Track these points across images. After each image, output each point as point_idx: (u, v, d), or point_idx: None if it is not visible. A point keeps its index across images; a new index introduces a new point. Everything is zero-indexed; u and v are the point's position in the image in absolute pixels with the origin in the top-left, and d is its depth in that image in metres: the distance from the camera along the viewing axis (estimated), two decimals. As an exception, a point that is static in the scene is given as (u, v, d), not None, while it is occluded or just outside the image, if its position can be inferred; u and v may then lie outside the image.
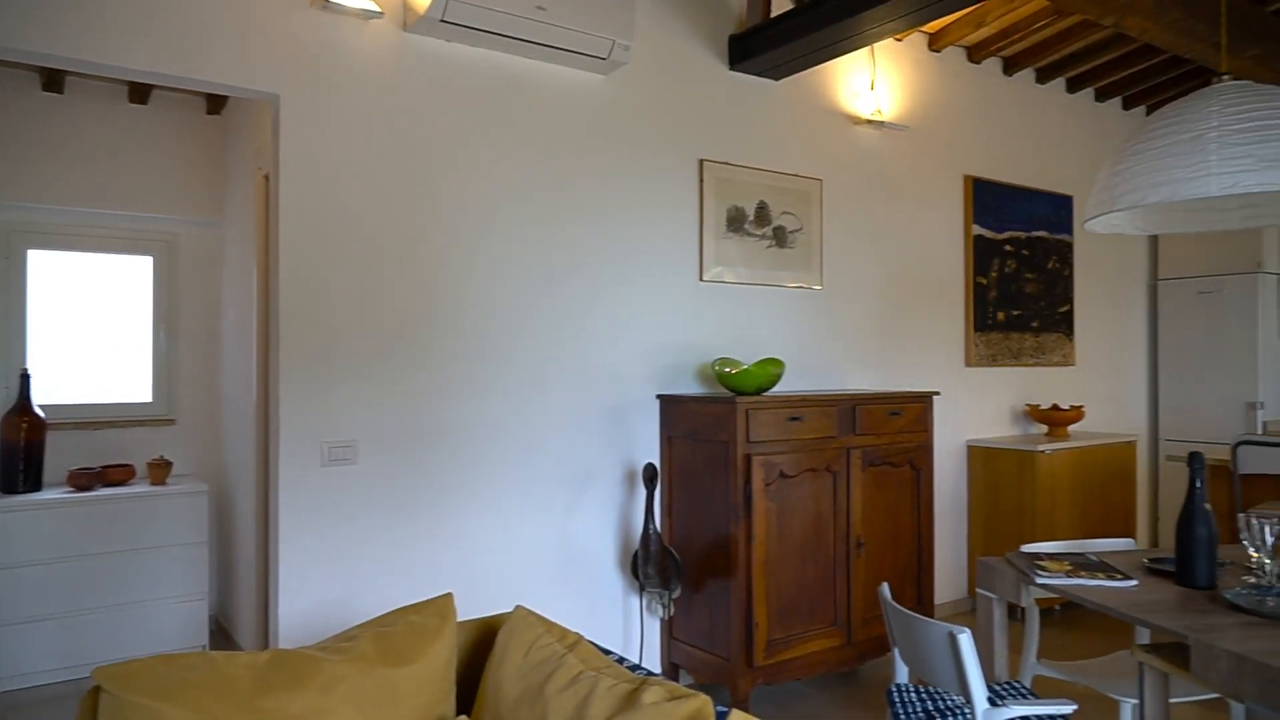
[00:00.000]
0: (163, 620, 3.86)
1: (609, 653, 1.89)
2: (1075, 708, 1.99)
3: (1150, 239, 5.89)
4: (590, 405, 3.38)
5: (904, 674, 2.26)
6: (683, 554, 3.41)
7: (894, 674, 2.29)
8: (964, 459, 4.70)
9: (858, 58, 4.25)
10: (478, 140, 3.11)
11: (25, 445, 3.75)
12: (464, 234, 3.08)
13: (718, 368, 3.36)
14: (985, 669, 2.46)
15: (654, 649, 3.54)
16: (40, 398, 4.05)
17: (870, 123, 4.21)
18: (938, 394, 3.95)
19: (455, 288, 3.06)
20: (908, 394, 3.64)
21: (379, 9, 2.85)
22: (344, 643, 1.76)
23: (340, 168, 2.83)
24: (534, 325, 3.24)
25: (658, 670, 3.51)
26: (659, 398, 3.53)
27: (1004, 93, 4.96)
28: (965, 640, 1.89)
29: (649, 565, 3.24)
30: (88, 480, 3.84)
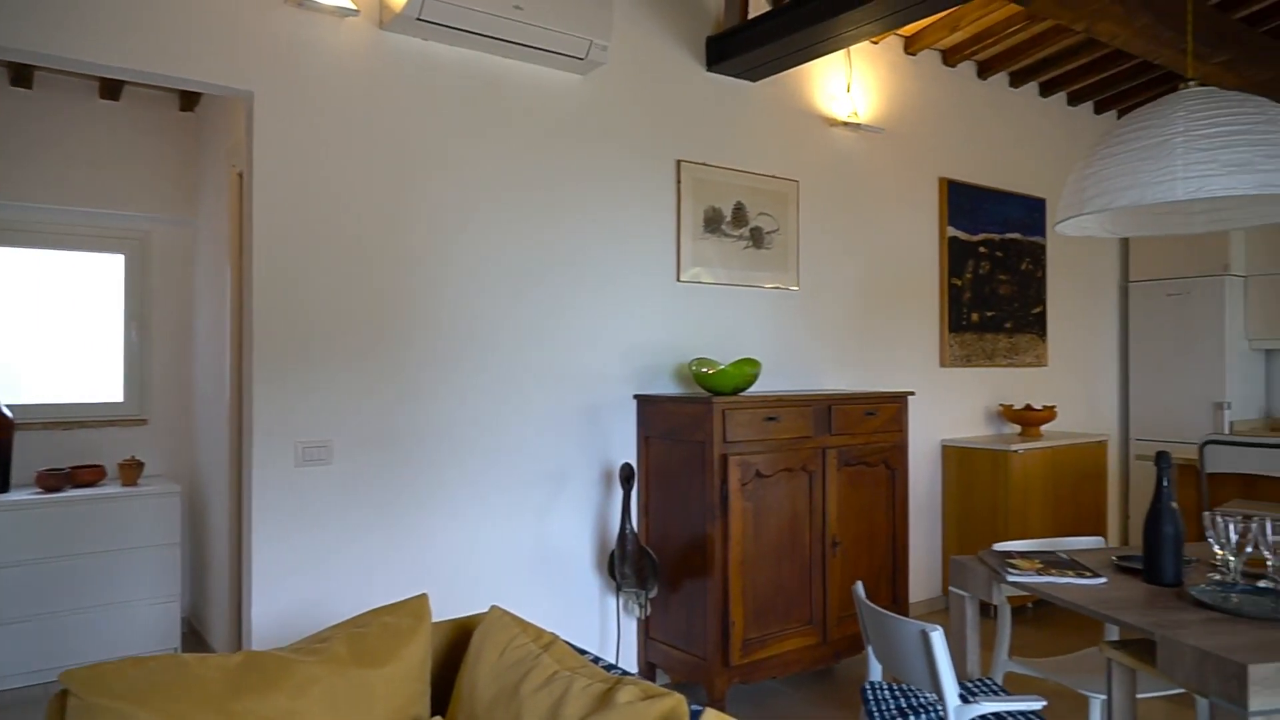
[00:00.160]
0: (134, 622, 3.81)
1: (585, 653, 1.89)
2: (1045, 704, 2.01)
3: (1121, 242, 5.98)
4: (568, 405, 3.38)
5: (878, 672, 2.28)
6: (659, 554, 3.41)
7: (868, 672, 2.31)
8: (938, 459, 4.75)
9: (834, 60, 4.28)
10: (455, 139, 3.10)
11: (-8, 446, 3.69)
12: (441, 233, 3.07)
13: (695, 368, 3.37)
14: (957, 666, 2.49)
15: (631, 649, 3.54)
16: (7, 397, 3.98)
17: (846, 125, 4.24)
18: (913, 394, 3.99)
19: (431, 286, 3.05)
20: (883, 394, 3.67)
21: (355, 7, 2.83)
22: (317, 644, 1.75)
23: (315, 166, 2.81)
24: (511, 325, 3.24)
25: (634, 670, 3.52)
26: (636, 398, 3.54)
27: (978, 96, 5.02)
28: (938, 638, 1.91)
29: (626, 565, 3.24)
30: (56, 481, 3.78)
